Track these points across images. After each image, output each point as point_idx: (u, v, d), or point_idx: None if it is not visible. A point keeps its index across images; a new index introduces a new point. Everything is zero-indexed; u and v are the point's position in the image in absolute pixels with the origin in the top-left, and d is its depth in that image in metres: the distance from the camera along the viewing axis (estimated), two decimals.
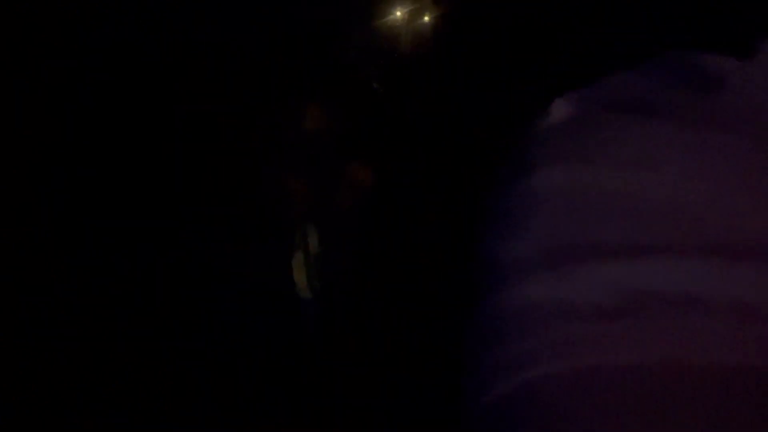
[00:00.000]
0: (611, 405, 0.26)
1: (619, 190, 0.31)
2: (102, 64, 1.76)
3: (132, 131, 1.77)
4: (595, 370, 0.27)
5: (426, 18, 1.72)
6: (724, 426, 0.25)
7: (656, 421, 0.26)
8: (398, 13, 1.75)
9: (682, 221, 0.29)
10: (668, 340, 0.27)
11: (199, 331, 1.56)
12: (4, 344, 1.62)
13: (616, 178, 0.31)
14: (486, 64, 1.44)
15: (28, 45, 1.75)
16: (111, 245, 1.70)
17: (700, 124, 0.32)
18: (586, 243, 0.30)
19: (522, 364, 0.29)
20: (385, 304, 1.29)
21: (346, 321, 1.30)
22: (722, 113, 0.32)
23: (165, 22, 1.75)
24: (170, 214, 1.66)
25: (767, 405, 0.26)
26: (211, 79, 1.69)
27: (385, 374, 1.27)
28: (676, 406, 0.26)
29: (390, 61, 1.67)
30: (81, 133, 1.77)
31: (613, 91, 0.35)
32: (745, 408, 0.26)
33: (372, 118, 1.52)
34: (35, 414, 1.61)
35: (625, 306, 0.28)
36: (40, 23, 1.75)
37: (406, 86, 1.58)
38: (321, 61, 1.59)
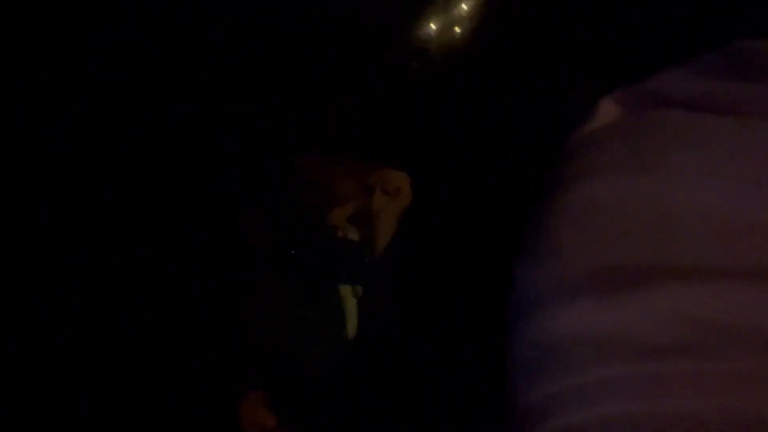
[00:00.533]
0: None
1: (682, 202, 0.25)
2: (102, 64, 1.76)
3: (134, 131, 1.77)
4: (643, 416, 0.23)
5: (458, 30, 1.70)
6: None
7: None
8: (432, 26, 1.73)
9: (759, 241, 0.24)
10: (735, 387, 0.22)
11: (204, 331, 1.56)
12: (4, 344, 1.62)
13: (678, 188, 0.26)
14: (523, 68, 1.40)
15: (28, 45, 1.75)
16: (114, 245, 1.70)
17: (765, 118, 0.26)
18: (643, 264, 0.25)
19: (555, 410, 0.25)
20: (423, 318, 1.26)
21: (385, 329, 1.26)
22: None
23: (165, 22, 1.75)
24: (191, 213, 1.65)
25: None
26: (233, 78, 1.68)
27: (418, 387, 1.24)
28: None
29: (423, 72, 1.66)
30: (81, 132, 1.77)
31: (666, 87, 0.30)
32: None
33: (406, 124, 1.51)
34: (35, 414, 1.61)
35: (685, 340, 0.23)
36: (40, 23, 1.75)
37: (439, 97, 1.56)
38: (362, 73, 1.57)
